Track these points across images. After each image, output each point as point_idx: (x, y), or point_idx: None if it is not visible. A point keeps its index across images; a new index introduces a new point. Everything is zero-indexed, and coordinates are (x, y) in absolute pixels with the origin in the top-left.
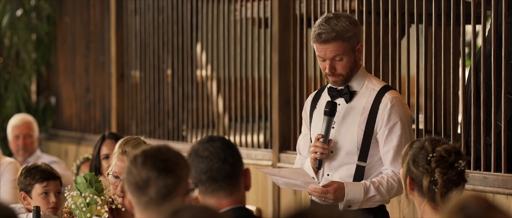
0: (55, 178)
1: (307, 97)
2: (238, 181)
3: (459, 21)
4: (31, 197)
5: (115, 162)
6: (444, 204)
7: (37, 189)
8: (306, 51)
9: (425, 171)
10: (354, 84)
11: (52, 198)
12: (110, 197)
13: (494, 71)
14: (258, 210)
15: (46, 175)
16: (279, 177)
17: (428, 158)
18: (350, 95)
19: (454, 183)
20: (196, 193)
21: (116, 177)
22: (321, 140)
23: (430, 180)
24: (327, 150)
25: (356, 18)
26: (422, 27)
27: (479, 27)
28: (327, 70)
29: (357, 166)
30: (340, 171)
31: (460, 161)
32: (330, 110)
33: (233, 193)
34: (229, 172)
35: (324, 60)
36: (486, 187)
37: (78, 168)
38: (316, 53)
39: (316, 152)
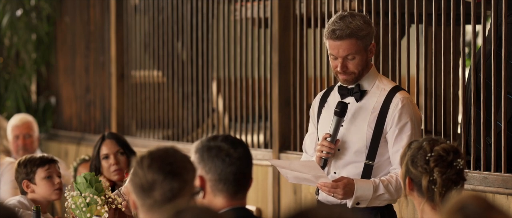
0: (54, 161)
1: (307, 97)
2: (249, 187)
3: (459, 21)
4: (35, 184)
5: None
6: (443, 204)
7: (40, 173)
8: (306, 51)
9: (424, 171)
10: (365, 84)
11: (57, 180)
12: (110, 197)
13: (494, 71)
14: (258, 210)
15: (45, 159)
16: (290, 170)
17: (427, 158)
18: (360, 94)
19: (453, 182)
20: (200, 196)
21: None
22: (328, 139)
23: (429, 179)
24: (333, 149)
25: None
26: (422, 27)
27: (479, 27)
28: (338, 69)
29: (365, 164)
30: (347, 169)
31: (459, 160)
32: (340, 111)
33: (245, 196)
34: (250, 178)
35: (336, 59)
36: (486, 187)
37: (76, 169)
38: (328, 51)
39: (322, 151)
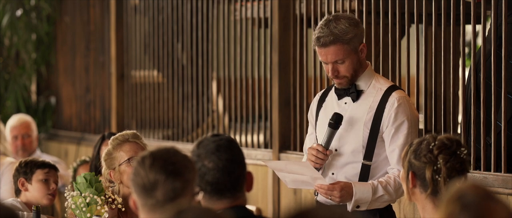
0: (55, 169)
1: (307, 97)
2: (241, 188)
3: (459, 21)
4: (30, 184)
5: (126, 149)
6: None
7: (39, 174)
8: (306, 51)
9: (428, 161)
10: (361, 84)
11: (52, 185)
12: (109, 197)
13: (494, 71)
14: (258, 210)
15: (46, 163)
16: (287, 173)
17: (430, 147)
18: (357, 94)
19: (457, 171)
20: (200, 196)
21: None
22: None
23: (433, 169)
24: (324, 161)
25: (356, 18)
26: (422, 27)
27: (479, 27)
28: (330, 74)
29: (363, 164)
30: (345, 169)
31: (462, 149)
32: (335, 123)
33: (236, 199)
34: (234, 184)
35: (327, 64)
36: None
37: (75, 170)
38: (318, 57)
39: (314, 161)
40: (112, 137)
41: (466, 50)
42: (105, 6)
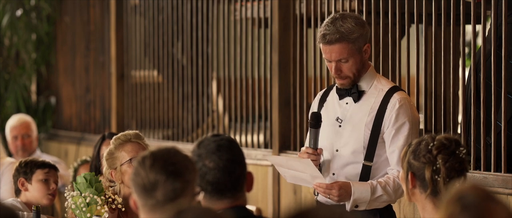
0: (55, 169)
1: (307, 97)
2: (242, 188)
3: (459, 21)
4: (30, 184)
5: (128, 150)
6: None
7: (39, 174)
8: (306, 51)
9: (427, 161)
10: (363, 84)
11: (52, 185)
12: (110, 197)
13: (494, 71)
14: (258, 210)
15: (47, 163)
16: (287, 169)
17: (429, 147)
18: (358, 94)
19: (456, 171)
20: (201, 196)
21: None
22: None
23: (432, 169)
24: (317, 161)
25: (362, 18)
26: (422, 27)
27: (479, 27)
28: (332, 72)
29: (364, 165)
30: (346, 170)
31: (461, 148)
32: (315, 122)
33: (237, 199)
34: (235, 184)
35: (330, 62)
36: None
37: (76, 170)
38: (323, 55)
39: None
40: (115, 137)
41: (466, 50)
42: (105, 6)
